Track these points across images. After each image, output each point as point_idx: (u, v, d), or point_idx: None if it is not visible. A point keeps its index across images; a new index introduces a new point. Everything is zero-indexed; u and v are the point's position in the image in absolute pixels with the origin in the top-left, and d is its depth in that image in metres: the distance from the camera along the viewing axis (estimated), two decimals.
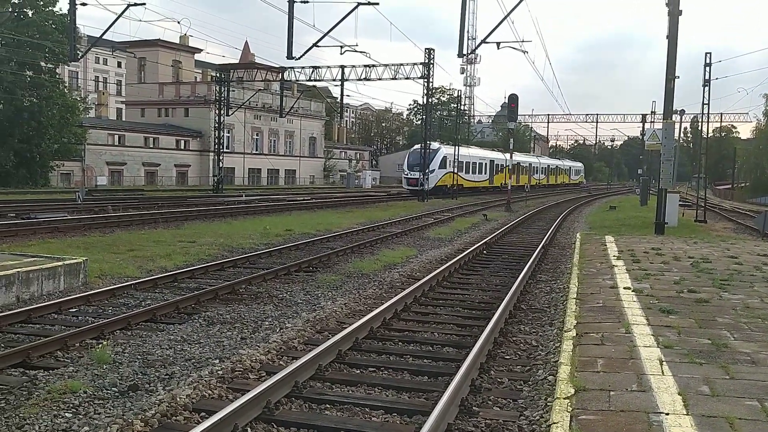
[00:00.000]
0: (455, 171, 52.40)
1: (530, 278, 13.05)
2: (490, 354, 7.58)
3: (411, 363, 7.42)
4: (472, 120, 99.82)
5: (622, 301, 9.23)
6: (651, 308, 8.73)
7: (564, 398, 5.33)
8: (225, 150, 53.42)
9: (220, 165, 49.54)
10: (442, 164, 50.95)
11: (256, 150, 71.09)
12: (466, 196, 50.44)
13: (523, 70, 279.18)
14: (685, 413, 4.95)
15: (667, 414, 4.93)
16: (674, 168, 21.79)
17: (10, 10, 38.98)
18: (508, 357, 7.72)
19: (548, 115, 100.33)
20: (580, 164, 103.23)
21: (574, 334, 7.41)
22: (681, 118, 46.50)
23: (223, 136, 52.39)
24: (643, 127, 68.28)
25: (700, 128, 49.56)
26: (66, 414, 5.59)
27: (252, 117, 68.11)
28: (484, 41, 33.32)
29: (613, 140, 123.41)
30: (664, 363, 6.24)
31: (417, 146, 48.75)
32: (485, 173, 61.16)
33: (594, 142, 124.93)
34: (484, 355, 7.34)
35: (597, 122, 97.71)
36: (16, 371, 6.75)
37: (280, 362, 7.28)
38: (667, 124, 21.05)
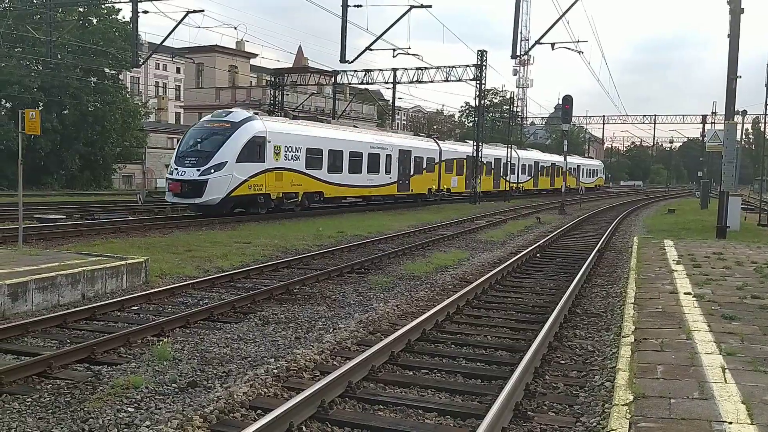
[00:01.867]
0: (290, 167, 26.92)
1: (585, 282, 12.81)
2: (544, 358, 7.49)
3: (464, 366, 7.39)
4: (525, 122, 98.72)
5: (682, 307, 8.98)
6: (713, 314, 8.47)
7: (622, 405, 5.23)
8: None
9: None
10: (249, 153, 24.42)
11: None
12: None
13: (577, 70, 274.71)
14: (749, 422, 4.79)
15: (731, 423, 4.78)
16: (736, 170, 21.08)
17: (75, 18, 40.52)
18: (563, 362, 7.61)
19: (603, 116, 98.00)
20: (596, 162, 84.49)
21: (633, 340, 7.25)
22: (743, 119, 44.90)
23: None
24: (704, 129, 66.20)
25: (763, 129, 47.76)
26: (128, 408, 5.77)
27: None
28: (538, 42, 32.89)
29: (671, 142, 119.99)
30: (727, 370, 6.05)
31: (205, 119, 26.25)
32: (389, 173, 34.99)
33: (651, 143, 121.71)
34: (539, 360, 7.25)
35: (655, 123, 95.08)
36: (81, 366, 7.01)
37: (334, 362, 7.35)
38: (728, 125, 20.37)
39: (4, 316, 8.88)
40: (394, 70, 43.46)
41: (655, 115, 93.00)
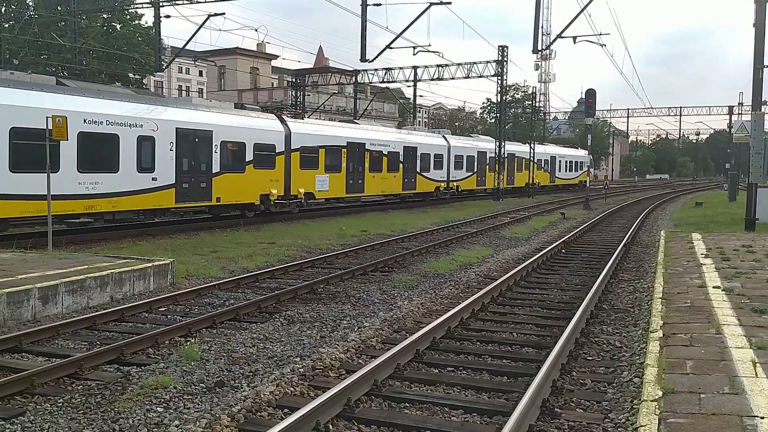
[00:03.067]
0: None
1: (612, 277, 12.68)
2: (571, 354, 7.43)
3: (489, 363, 7.36)
4: (548, 117, 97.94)
5: (711, 301, 8.85)
6: (743, 308, 8.33)
7: (651, 401, 5.17)
8: None
9: None
10: None
11: None
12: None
13: (600, 64, 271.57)
14: None
15: (762, 418, 4.71)
16: (764, 161, 20.69)
17: (99, 24, 41.09)
18: (590, 358, 7.54)
19: (628, 109, 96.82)
20: (581, 153, 63.64)
21: (661, 335, 7.16)
22: None
23: None
24: (730, 120, 65.15)
25: None
26: (158, 408, 5.85)
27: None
28: (559, 36, 32.61)
29: (698, 134, 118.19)
30: (758, 365, 5.95)
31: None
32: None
33: (677, 136, 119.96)
34: (565, 356, 7.20)
35: (680, 115, 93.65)
36: (111, 367, 7.11)
37: (359, 361, 7.37)
38: (756, 116, 20.00)
39: (35, 318, 9.05)
40: (415, 67, 43.41)
41: (681, 107, 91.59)
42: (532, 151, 50.57)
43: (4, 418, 5.57)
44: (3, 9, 33.10)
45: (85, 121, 16.72)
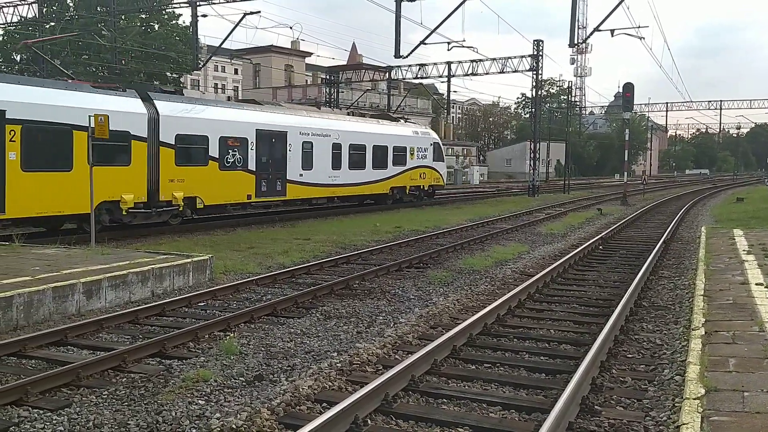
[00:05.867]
0: None
1: (651, 274, 12.49)
2: (610, 352, 7.35)
3: (527, 360, 7.32)
4: (584, 111, 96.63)
5: (754, 298, 8.66)
6: None
7: (694, 399, 5.09)
8: None
9: None
10: None
11: None
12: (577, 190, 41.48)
13: (638, 57, 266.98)
14: None
15: None
16: None
17: (138, 24, 41.85)
18: (630, 355, 7.45)
19: (667, 103, 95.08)
20: (421, 134, 32.50)
21: (703, 333, 7.04)
22: None
23: None
24: None
25: None
26: (199, 401, 5.95)
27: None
28: (596, 29, 32.17)
29: (738, 128, 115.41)
30: None
31: None
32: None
33: (717, 130, 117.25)
34: (605, 353, 7.12)
35: (720, 109, 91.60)
36: (153, 360, 7.26)
37: (396, 356, 7.40)
38: None
39: (79, 312, 9.28)
40: (449, 63, 43.24)
41: (721, 101, 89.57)
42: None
43: (51, 410, 5.73)
44: (45, 10, 33.89)
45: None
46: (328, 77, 52.58)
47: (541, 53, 41.77)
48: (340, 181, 25.61)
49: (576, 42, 36.78)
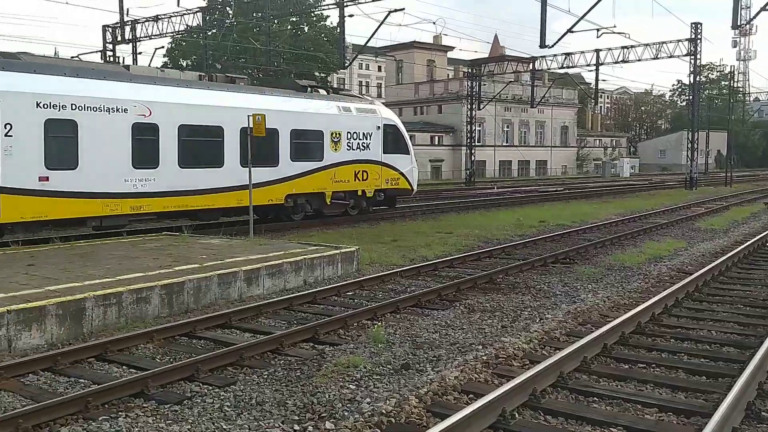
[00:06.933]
0: None
1: None
2: None
3: (685, 361, 6.92)
4: (748, 98, 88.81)
5: None
6: None
7: None
8: (476, 143, 54.37)
9: (472, 158, 50.54)
10: None
11: (507, 142, 71.21)
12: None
13: None
14: None
15: None
16: None
17: (289, 27, 44.01)
18: None
19: None
20: (361, 112, 21.13)
21: None
22: None
23: (475, 129, 53.46)
24: None
25: None
26: (350, 386, 6.22)
27: (502, 109, 68.34)
28: (764, 9, 29.44)
29: None
30: None
31: None
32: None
33: None
34: None
35: None
36: (307, 345, 7.67)
37: (543, 352, 7.28)
38: None
39: (241, 298, 9.99)
40: (597, 50, 41.51)
41: None
42: None
43: (218, 386, 6.24)
44: (207, 18, 36.60)
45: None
46: (470, 70, 52.31)
47: (699, 36, 38.98)
48: (154, 188, 15.31)
49: (739, 23, 33.90)
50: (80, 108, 13.82)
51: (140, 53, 35.45)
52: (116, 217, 14.71)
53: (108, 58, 35.54)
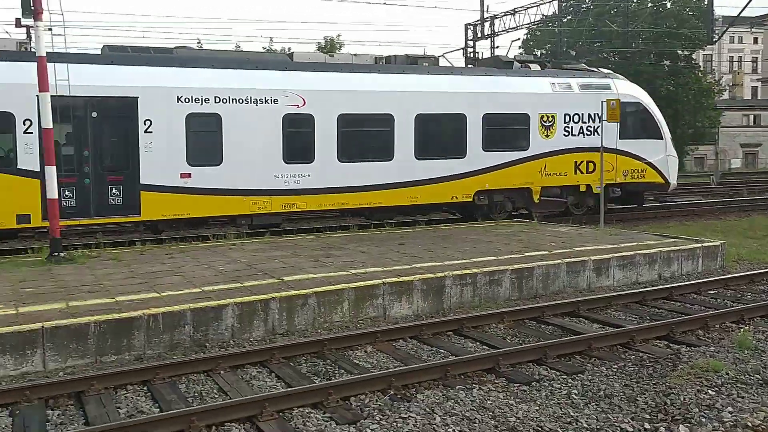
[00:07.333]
0: None
1: None
2: None
3: None
4: None
5: None
6: None
7: None
8: None
9: None
10: None
11: None
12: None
13: None
14: None
15: None
16: None
17: (650, 5, 41.34)
18: None
19: None
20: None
21: None
22: None
23: None
24: None
25: None
26: (709, 391, 5.74)
27: None
28: None
29: None
30: None
31: None
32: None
33: None
34: None
35: None
36: (660, 343, 7.27)
37: None
38: None
39: (589, 288, 9.90)
40: None
41: None
42: None
43: (566, 373, 6.32)
44: (564, 4, 36.49)
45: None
46: None
47: None
48: (308, 184, 13.97)
49: None
50: (224, 101, 13.14)
51: (497, 47, 36.84)
52: (267, 215, 13.73)
53: (468, 55, 37.89)
